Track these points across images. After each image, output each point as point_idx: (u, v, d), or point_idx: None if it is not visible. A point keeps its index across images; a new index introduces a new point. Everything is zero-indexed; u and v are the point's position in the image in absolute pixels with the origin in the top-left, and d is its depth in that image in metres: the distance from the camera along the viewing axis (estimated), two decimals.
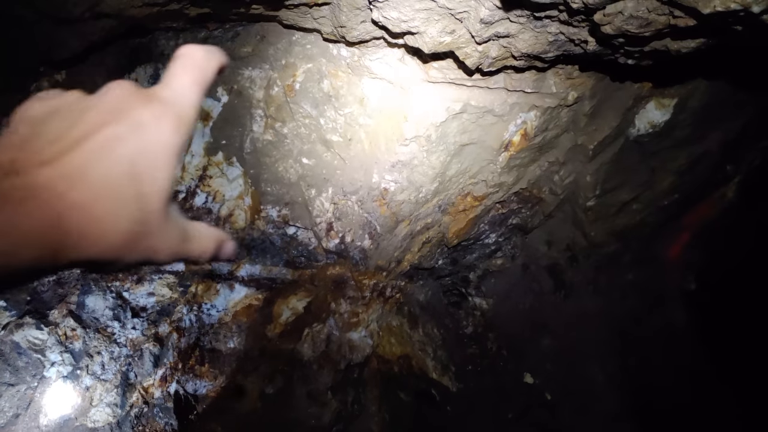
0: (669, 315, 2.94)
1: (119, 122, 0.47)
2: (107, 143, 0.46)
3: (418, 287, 2.72)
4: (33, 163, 0.45)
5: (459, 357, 2.73)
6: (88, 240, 0.45)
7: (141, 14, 1.78)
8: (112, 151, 0.46)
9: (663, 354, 2.86)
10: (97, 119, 0.48)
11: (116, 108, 0.49)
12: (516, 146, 2.24)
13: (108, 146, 0.46)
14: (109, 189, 0.45)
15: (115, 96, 0.50)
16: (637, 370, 2.82)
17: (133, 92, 0.51)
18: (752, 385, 2.70)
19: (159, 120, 0.49)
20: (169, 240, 0.52)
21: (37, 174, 0.44)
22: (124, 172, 0.46)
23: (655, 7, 1.37)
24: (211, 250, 0.59)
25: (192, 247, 0.56)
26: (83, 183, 0.45)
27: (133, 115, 0.48)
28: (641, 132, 2.40)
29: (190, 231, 0.56)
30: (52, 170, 0.44)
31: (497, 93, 2.08)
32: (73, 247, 0.45)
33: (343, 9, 1.77)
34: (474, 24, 1.65)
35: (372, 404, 2.45)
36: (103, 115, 0.48)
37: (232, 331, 2.23)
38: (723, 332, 2.83)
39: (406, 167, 2.18)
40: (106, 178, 0.45)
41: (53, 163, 0.45)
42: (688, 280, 2.98)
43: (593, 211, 2.62)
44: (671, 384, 2.82)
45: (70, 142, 0.46)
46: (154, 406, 2.10)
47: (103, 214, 0.45)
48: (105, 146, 0.46)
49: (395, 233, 2.34)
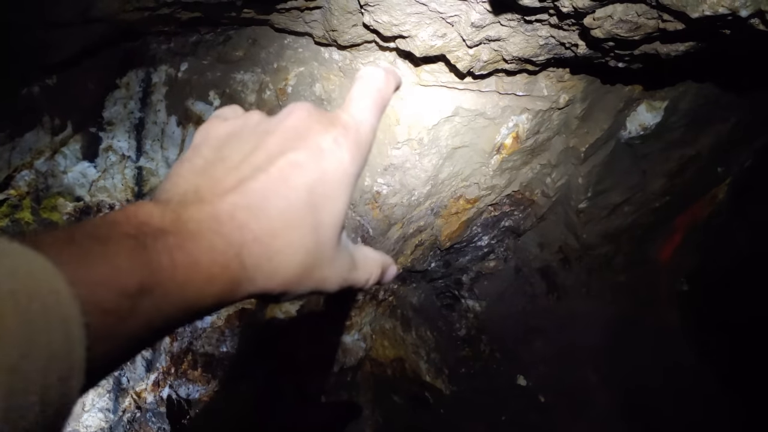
0: (661, 316, 2.94)
1: (300, 149, 0.46)
2: (288, 171, 0.45)
3: (411, 290, 2.72)
4: (216, 192, 0.44)
5: (452, 359, 2.73)
6: (263, 273, 0.44)
7: (132, 18, 1.78)
8: (293, 179, 0.45)
9: (655, 355, 2.87)
10: (279, 144, 0.47)
11: (297, 133, 0.48)
12: (508, 149, 2.24)
13: (289, 175, 0.45)
14: (288, 220, 0.45)
15: (296, 119, 0.49)
16: (630, 371, 2.83)
17: (314, 115, 0.50)
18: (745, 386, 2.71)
19: (339, 146, 0.48)
20: (339, 269, 0.51)
21: (221, 204, 0.43)
22: (302, 201, 0.45)
23: (645, 11, 1.38)
24: (376, 275, 0.58)
25: (359, 275, 0.55)
26: (263, 213, 0.44)
27: (314, 140, 0.47)
28: (632, 134, 2.41)
29: (357, 258, 0.55)
30: (234, 199, 0.44)
31: (489, 96, 2.09)
32: (249, 281, 0.44)
33: (335, 13, 1.77)
34: (465, 28, 1.66)
35: (365, 407, 2.45)
36: (285, 141, 0.47)
37: (225, 335, 2.23)
38: (715, 333, 2.84)
39: (399, 170, 2.18)
40: (286, 209, 0.45)
41: (236, 192, 0.44)
42: (680, 281, 2.99)
43: (585, 214, 2.63)
44: (664, 385, 2.83)
45: (252, 170, 0.45)
46: (146, 410, 2.09)
47: (281, 247, 0.44)
48: (286, 174, 0.45)
49: (388, 236, 2.34)
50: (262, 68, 2.13)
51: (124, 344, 0.38)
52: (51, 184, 2.01)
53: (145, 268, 0.38)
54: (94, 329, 0.34)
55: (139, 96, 2.09)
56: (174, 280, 0.39)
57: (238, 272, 0.42)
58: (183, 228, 0.41)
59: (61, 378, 0.32)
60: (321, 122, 0.49)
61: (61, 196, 2.02)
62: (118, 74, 2.06)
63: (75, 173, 2.04)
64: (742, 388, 2.72)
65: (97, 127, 2.06)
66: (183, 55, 2.09)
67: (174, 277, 0.39)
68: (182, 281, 0.40)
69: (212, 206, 0.43)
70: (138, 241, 0.38)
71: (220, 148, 0.49)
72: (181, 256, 0.40)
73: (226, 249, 0.42)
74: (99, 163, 2.07)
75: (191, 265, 0.40)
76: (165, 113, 2.11)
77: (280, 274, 0.45)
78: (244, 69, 2.14)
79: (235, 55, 2.12)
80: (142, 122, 2.11)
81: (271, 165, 0.45)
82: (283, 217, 0.44)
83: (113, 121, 2.07)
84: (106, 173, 2.08)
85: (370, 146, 0.52)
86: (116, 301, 0.36)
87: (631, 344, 2.87)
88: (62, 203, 2.02)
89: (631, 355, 2.86)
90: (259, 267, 0.43)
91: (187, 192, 0.45)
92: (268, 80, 2.13)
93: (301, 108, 0.50)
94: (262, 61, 2.13)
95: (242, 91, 2.15)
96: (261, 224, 0.43)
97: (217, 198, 0.43)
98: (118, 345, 0.37)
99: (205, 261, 0.41)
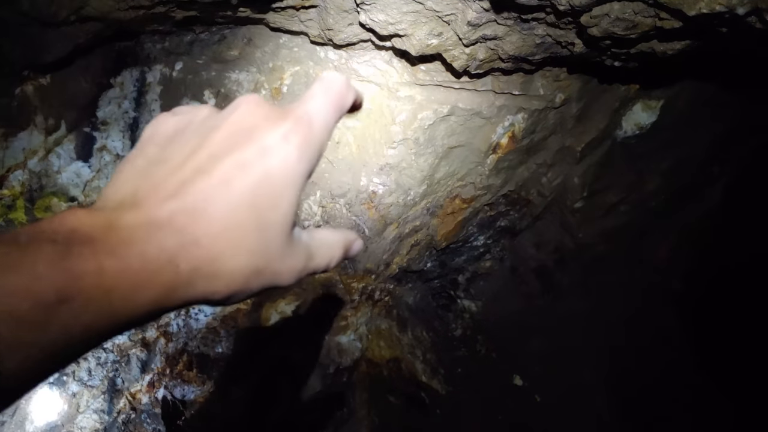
0: (657, 316, 2.95)
1: (244, 147, 0.45)
2: (231, 172, 0.44)
3: (407, 290, 2.72)
4: (155, 197, 0.43)
5: (448, 360, 2.73)
6: (204, 277, 0.43)
7: (127, 17, 1.77)
8: (236, 181, 0.44)
9: (651, 355, 2.87)
10: (223, 142, 0.46)
11: (243, 129, 0.47)
12: (504, 148, 2.24)
13: (231, 176, 0.44)
14: (230, 222, 0.43)
15: (243, 114, 0.48)
16: (626, 371, 2.83)
17: (262, 109, 0.49)
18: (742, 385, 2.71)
19: (287, 143, 0.46)
20: (293, 263, 0.50)
21: (158, 209, 0.42)
22: (245, 203, 0.44)
23: (642, 9, 1.38)
24: (338, 256, 0.57)
25: (318, 261, 0.54)
26: (204, 217, 0.43)
27: (260, 137, 0.46)
28: (628, 134, 2.42)
29: (314, 246, 0.53)
30: (173, 204, 0.42)
31: (485, 95, 2.09)
32: (187, 286, 0.42)
33: (330, 12, 1.77)
34: (461, 26, 1.66)
35: (361, 408, 2.44)
36: (229, 138, 0.46)
37: (220, 336, 2.22)
38: (711, 332, 2.84)
39: (395, 170, 2.18)
40: (228, 211, 0.43)
41: (175, 197, 0.43)
42: (675, 280, 2.99)
43: (581, 213, 2.63)
44: (660, 385, 2.83)
45: (194, 171, 0.44)
46: (141, 412, 2.08)
47: (223, 249, 0.43)
48: (228, 176, 0.44)
49: (384, 236, 2.33)
50: (258, 68, 2.12)
51: (43, 357, 0.36)
52: (45, 184, 2.00)
53: (65, 276, 0.36)
54: (6, 340, 0.33)
55: (133, 95, 2.08)
56: (99, 288, 0.38)
57: (172, 278, 0.41)
58: (114, 235, 0.40)
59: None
60: (269, 117, 0.48)
61: (55, 196, 2.01)
62: (112, 73, 2.05)
63: (69, 173, 2.03)
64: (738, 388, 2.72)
65: (91, 126, 2.05)
66: (178, 55, 2.08)
67: (100, 284, 0.38)
68: (108, 289, 0.38)
69: (149, 211, 0.42)
70: (61, 248, 0.37)
71: (164, 146, 0.48)
72: (109, 263, 0.38)
73: (158, 255, 0.40)
74: (93, 163, 2.06)
75: (119, 273, 0.39)
76: (159, 113, 2.10)
77: (223, 277, 0.44)
78: (239, 68, 2.13)
79: (230, 55, 2.11)
80: (136, 122, 2.09)
81: (213, 166, 0.44)
82: (224, 220, 0.43)
83: (107, 121, 2.06)
84: (101, 173, 2.06)
85: (323, 144, 0.51)
86: (31, 310, 0.34)
87: (627, 344, 2.87)
88: (56, 203, 2.00)
89: (627, 355, 2.86)
90: (199, 271, 0.42)
91: (126, 197, 0.44)
92: (264, 80, 2.12)
93: (249, 101, 0.49)
94: (258, 61, 2.12)
95: (237, 91, 2.14)
96: (201, 228, 0.42)
97: (154, 203, 0.42)
98: (35, 358, 0.36)
99: (134, 268, 0.39)
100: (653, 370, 2.85)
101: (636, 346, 2.88)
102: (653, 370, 2.85)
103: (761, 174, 2.63)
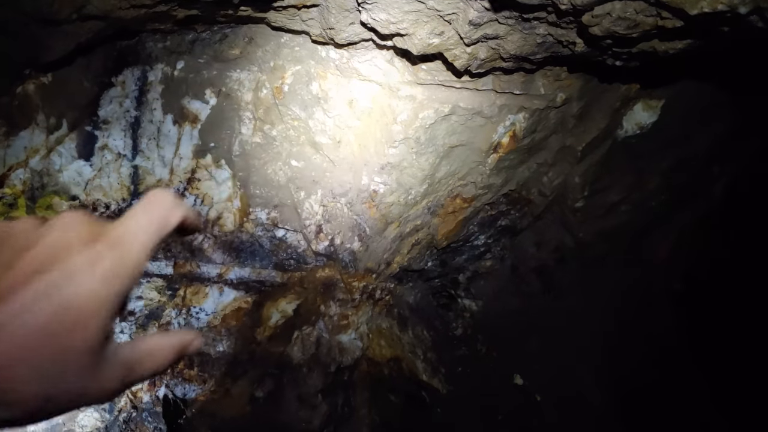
0: (657, 315, 2.95)
1: (51, 270, 0.44)
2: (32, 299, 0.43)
3: (408, 289, 2.72)
4: None
5: (449, 359, 2.73)
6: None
7: (128, 16, 1.77)
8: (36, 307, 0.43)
9: (651, 354, 2.88)
10: (30, 265, 0.45)
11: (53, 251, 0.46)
12: (505, 148, 2.24)
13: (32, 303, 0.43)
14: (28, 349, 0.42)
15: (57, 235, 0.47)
16: (626, 370, 2.83)
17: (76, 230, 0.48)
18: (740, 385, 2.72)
19: (92, 267, 0.45)
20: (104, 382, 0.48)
21: None
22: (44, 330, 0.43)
23: (643, 8, 1.38)
24: (168, 360, 0.56)
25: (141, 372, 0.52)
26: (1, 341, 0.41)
27: (67, 261, 0.45)
28: (629, 133, 2.42)
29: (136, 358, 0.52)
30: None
31: (486, 95, 2.09)
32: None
33: (332, 11, 1.77)
34: (463, 26, 1.66)
35: (362, 407, 2.44)
36: (39, 259, 0.45)
37: (221, 335, 2.22)
38: (710, 332, 2.84)
39: (396, 169, 2.18)
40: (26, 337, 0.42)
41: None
42: (675, 280, 2.99)
43: (582, 213, 2.63)
44: (659, 384, 2.83)
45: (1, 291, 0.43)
46: (142, 410, 2.08)
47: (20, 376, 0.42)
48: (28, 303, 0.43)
49: (384, 235, 2.33)
50: (259, 67, 2.12)
51: None
52: (46, 183, 2.00)
53: None
54: None
55: (134, 94, 2.08)
56: None
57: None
58: None
59: None
60: (81, 239, 0.47)
61: (57, 194, 2.01)
62: (113, 72, 2.05)
63: (70, 172, 2.03)
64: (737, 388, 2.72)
65: (93, 125, 2.05)
66: (179, 54, 2.08)
67: None
68: None
69: None
70: None
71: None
72: None
73: None
74: (95, 161, 2.06)
75: None
76: (161, 112, 2.11)
77: (19, 403, 0.43)
78: (240, 67, 2.13)
79: (231, 54, 2.11)
80: (137, 121, 2.10)
81: (15, 292, 0.43)
82: (21, 346, 0.42)
83: (109, 120, 2.06)
84: (102, 172, 2.07)
85: (140, 265, 0.49)
86: None
87: (627, 343, 2.87)
88: (57, 202, 2.01)
89: (627, 355, 2.86)
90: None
91: None
92: (265, 79, 2.12)
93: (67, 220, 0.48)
94: (259, 60, 2.12)
95: (239, 90, 2.14)
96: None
97: None
98: None
99: None
100: (653, 370, 2.86)
101: (636, 346, 2.88)
102: (653, 370, 2.86)
103: (761, 174, 2.63)
